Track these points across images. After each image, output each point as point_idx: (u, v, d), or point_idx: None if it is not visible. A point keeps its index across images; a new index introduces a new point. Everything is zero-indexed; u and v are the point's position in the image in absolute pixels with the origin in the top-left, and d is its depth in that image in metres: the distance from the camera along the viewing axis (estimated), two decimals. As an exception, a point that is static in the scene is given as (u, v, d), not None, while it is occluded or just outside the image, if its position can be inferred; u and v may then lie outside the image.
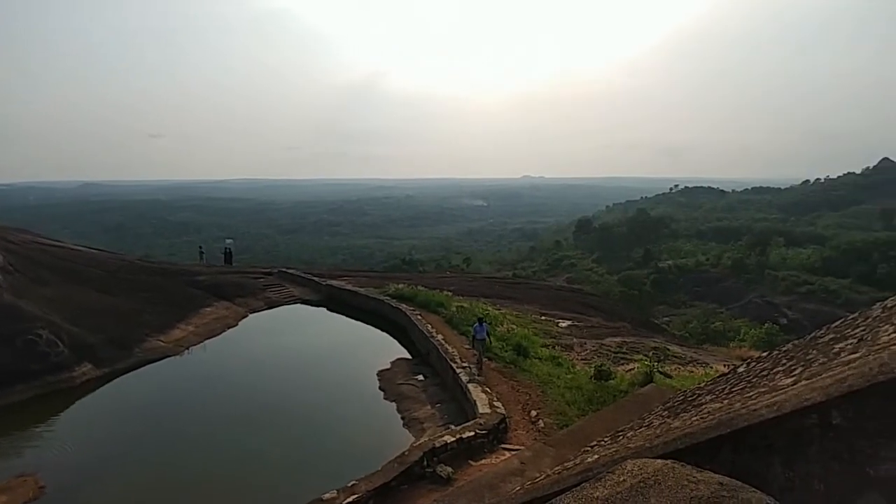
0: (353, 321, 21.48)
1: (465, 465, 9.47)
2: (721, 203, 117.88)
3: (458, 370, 13.41)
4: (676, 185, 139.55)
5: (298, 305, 24.01)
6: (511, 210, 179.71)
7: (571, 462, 7.29)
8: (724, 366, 17.36)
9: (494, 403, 11.59)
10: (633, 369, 14.94)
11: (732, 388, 8.02)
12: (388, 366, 15.87)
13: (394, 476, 8.33)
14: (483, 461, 9.72)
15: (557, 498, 1.79)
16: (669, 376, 14.74)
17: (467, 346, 15.34)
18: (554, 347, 17.65)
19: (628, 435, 7.65)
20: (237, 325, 20.44)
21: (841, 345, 6.19)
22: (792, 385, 3.70)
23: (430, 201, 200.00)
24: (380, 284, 25.86)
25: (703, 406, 6.94)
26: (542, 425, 11.42)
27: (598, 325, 24.53)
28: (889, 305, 7.39)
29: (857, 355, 3.92)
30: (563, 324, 23.04)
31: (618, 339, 21.03)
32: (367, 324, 20.94)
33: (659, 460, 1.89)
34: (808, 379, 3.68)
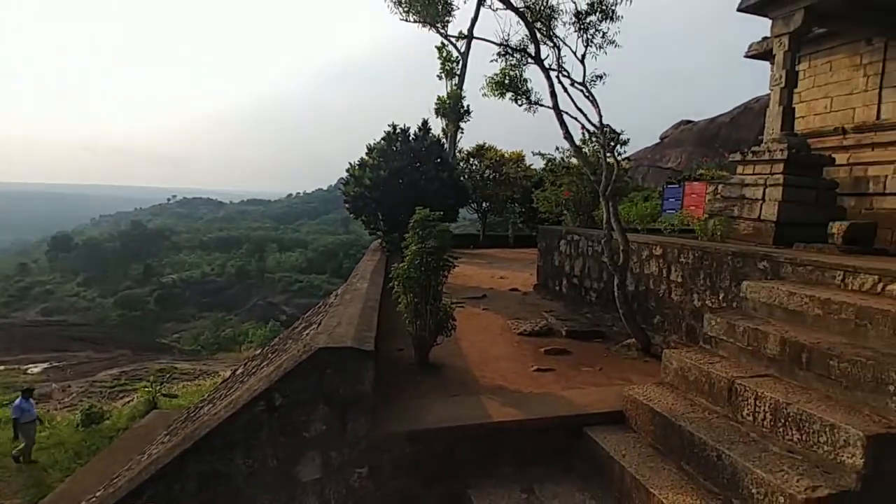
0: None
1: None
2: (220, 214, 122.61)
3: None
4: (175, 196, 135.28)
5: None
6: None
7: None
8: (232, 370, 18.17)
9: None
10: (132, 400, 13.47)
11: (228, 391, 8.31)
12: None
13: None
14: None
15: None
16: (176, 396, 14.09)
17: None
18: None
19: (126, 476, 6.74)
20: None
21: (308, 331, 7.34)
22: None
23: None
24: None
25: (200, 418, 6.86)
26: (2, 514, 8.66)
27: (88, 361, 20.79)
28: (339, 293, 9.32)
29: (309, 339, 4.67)
30: (36, 369, 18.30)
31: (115, 371, 18.48)
32: None
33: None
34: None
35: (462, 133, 17.65)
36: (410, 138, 10.05)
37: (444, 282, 4.57)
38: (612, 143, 5.98)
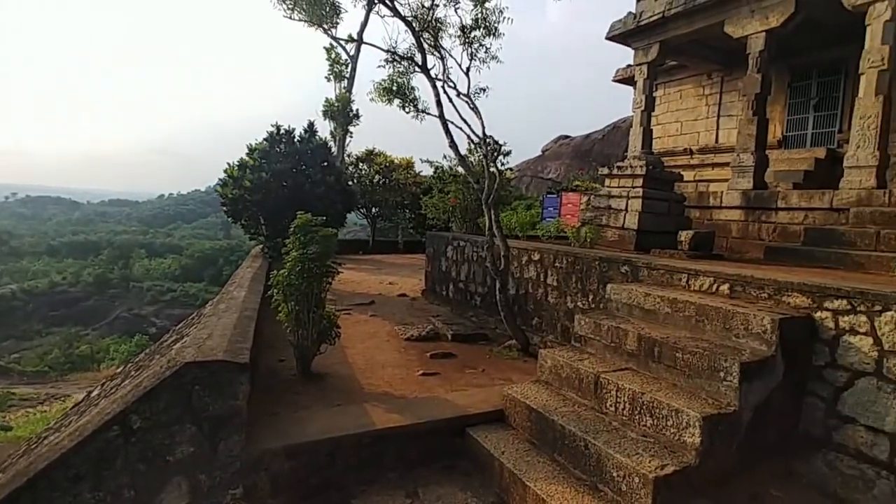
0: None
1: None
2: (76, 215, 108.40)
3: None
4: (15, 194, 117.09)
5: None
6: None
7: None
8: (87, 392, 16.05)
9: None
10: (-47, 435, 11.34)
11: (80, 416, 7.35)
12: None
13: None
14: None
15: None
16: (10, 428, 12.14)
17: None
18: None
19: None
20: None
21: (177, 345, 6.72)
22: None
23: None
24: None
25: (40, 450, 5.98)
26: None
27: None
28: (214, 302, 8.70)
29: (178, 353, 4.27)
30: None
31: (-71, 401, 15.46)
32: None
33: None
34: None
35: (351, 137, 17.43)
36: (295, 140, 9.67)
37: (327, 289, 4.44)
38: (495, 154, 6.26)
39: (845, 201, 6.42)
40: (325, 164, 9.87)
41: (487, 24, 6.72)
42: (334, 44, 17.84)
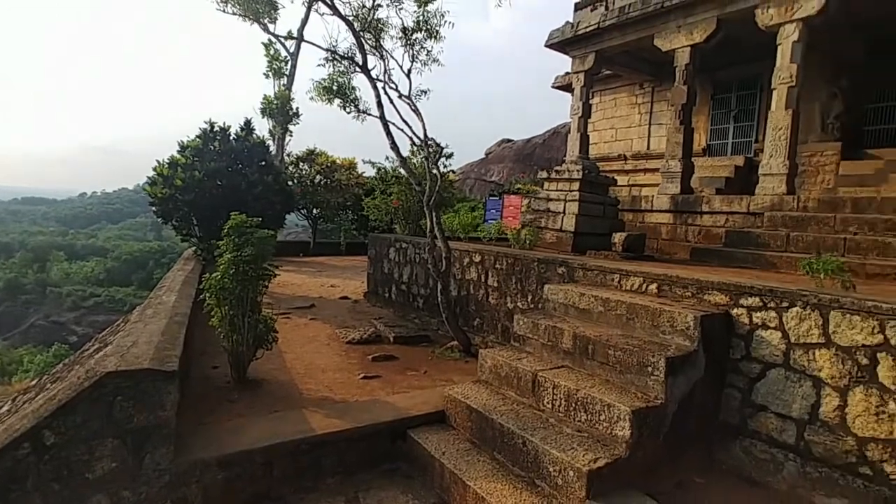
0: None
1: None
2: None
3: None
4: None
5: None
6: None
7: None
8: (-3, 407, 14.69)
9: None
10: None
11: (-13, 434, 6.72)
12: None
13: None
14: None
15: None
16: None
17: None
18: None
19: None
20: None
21: (99, 354, 6.31)
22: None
23: None
24: None
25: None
26: None
27: None
28: (141, 307, 8.21)
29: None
30: None
31: None
32: None
33: None
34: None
35: (291, 136, 16.98)
36: (231, 138, 9.30)
37: (263, 292, 4.31)
38: (437, 156, 6.30)
39: (760, 206, 6.94)
40: (263, 163, 9.57)
41: (429, 26, 6.75)
42: (273, 40, 17.35)
